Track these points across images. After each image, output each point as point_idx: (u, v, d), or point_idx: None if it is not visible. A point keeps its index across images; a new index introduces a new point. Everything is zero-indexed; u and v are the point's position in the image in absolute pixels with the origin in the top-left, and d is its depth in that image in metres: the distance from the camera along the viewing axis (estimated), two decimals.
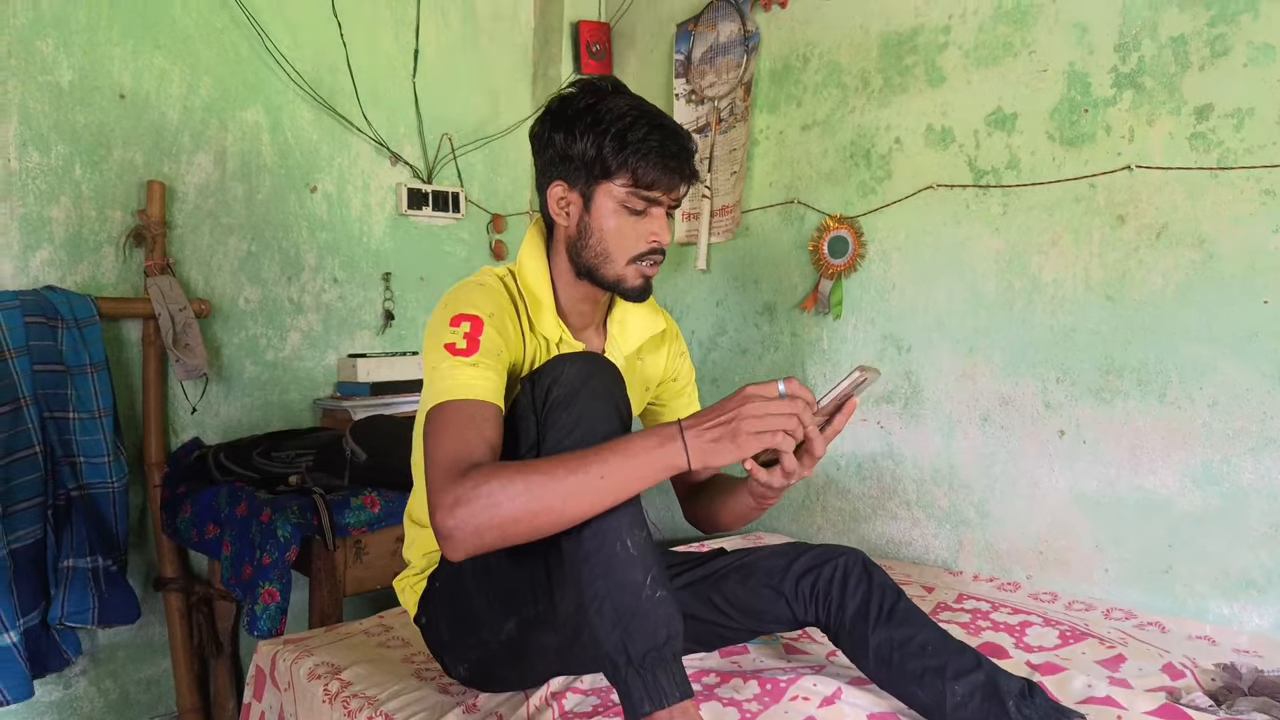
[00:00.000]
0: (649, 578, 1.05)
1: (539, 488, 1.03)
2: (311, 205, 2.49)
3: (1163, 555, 1.79)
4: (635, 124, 1.22)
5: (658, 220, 1.28)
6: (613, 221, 1.26)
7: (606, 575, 1.05)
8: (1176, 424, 1.77)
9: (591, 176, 1.25)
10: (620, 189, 1.25)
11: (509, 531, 1.04)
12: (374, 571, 1.96)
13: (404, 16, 2.67)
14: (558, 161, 1.28)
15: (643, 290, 1.31)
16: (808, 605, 1.35)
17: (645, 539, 1.08)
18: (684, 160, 1.25)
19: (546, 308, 1.31)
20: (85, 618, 1.91)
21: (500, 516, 1.03)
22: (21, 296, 1.89)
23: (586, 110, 1.25)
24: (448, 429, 1.12)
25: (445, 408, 1.15)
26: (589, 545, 1.05)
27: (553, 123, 1.28)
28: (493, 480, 1.04)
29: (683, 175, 1.26)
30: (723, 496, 1.39)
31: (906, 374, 2.19)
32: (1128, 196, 1.81)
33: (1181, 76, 1.74)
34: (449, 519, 1.04)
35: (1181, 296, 1.75)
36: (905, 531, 2.21)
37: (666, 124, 1.25)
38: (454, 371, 1.16)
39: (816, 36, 2.36)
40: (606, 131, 1.22)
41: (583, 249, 1.29)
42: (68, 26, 2.04)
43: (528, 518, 1.04)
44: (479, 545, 1.05)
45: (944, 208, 2.10)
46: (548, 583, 1.18)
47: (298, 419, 2.48)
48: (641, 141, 1.22)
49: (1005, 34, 1.98)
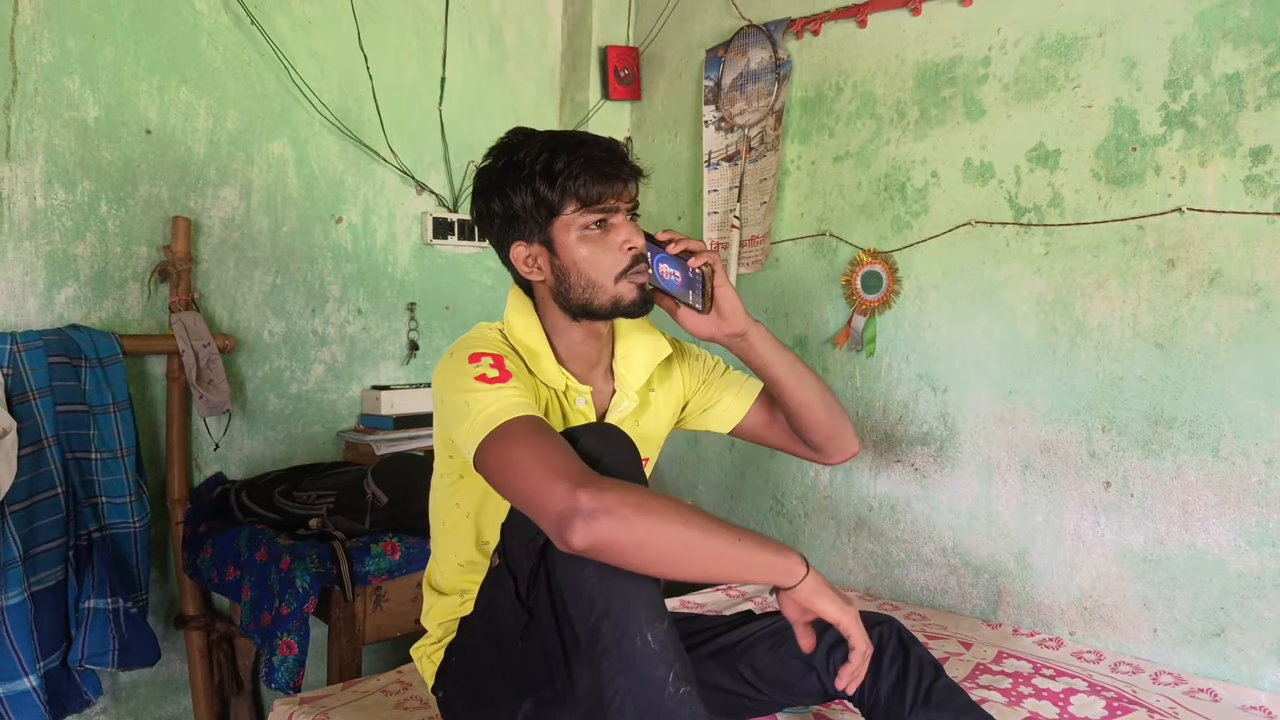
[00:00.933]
0: (672, 674, 1.00)
1: (678, 524, 1.01)
2: (336, 236, 2.47)
3: (1215, 618, 1.71)
4: (555, 154, 1.20)
5: (623, 228, 1.24)
6: (582, 250, 1.23)
7: (627, 672, 0.99)
8: (1231, 480, 1.68)
9: (542, 222, 1.23)
10: (572, 217, 1.22)
11: (631, 556, 1.00)
12: (394, 619, 1.92)
13: (431, 44, 2.65)
14: (506, 226, 1.26)
15: (642, 301, 1.26)
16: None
17: (667, 630, 1.02)
18: (616, 162, 1.22)
19: (544, 357, 1.28)
20: (105, 660, 1.90)
21: (633, 538, 0.99)
22: (45, 336, 1.89)
23: (507, 167, 1.23)
24: (529, 440, 1.06)
25: (509, 426, 1.08)
26: (608, 639, 1.00)
27: (483, 195, 1.27)
28: (630, 497, 1.00)
29: (621, 175, 1.23)
30: (790, 402, 1.40)
31: (942, 415, 2.11)
32: (1179, 240, 1.73)
33: (1236, 116, 1.65)
34: (580, 526, 0.98)
35: (1236, 346, 1.67)
36: (941, 579, 2.13)
37: (585, 138, 1.23)
38: (500, 394, 1.12)
39: (850, 65, 2.29)
40: (533, 175, 1.20)
41: (569, 291, 1.25)
42: (94, 63, 2.04)
43: (654, 550, 1.00)
44: (598, 554, 1.00)
45: (983, 245, 2.03)
46: (565, 663, 1.13)
47: (321, 452, 2.46)
48: (567, 165, 1.20)
49: (1048, 67, 1.91)
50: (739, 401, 1.48)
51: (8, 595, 1.76)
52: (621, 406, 1.34)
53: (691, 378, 1.47)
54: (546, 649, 1.13)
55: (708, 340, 1.32)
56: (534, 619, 1.15)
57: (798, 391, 1.39)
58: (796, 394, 1.39)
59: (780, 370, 1.37)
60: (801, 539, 2.43)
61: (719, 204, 2.60)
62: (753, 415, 1.48)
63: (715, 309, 1.29)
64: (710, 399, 1.48)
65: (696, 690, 1.02)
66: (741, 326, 1.31)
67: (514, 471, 1.05)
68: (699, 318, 1.29)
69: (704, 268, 1.26)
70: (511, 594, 1.16)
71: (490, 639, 1.20)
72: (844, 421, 1.45)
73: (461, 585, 1.30)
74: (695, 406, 1.48)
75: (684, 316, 1.29)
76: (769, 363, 1.36)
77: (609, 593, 1.02)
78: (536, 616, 1.14)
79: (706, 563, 1.03)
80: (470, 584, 1.28)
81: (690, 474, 2.76)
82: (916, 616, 2.06)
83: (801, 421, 1.42)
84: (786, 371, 1.37)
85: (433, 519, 1.34)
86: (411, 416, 2.45)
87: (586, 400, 1.31)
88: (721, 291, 1.28)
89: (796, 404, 1.40)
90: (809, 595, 1.09)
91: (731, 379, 1.49)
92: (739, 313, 1.30)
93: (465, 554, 1.29)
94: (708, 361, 1.50)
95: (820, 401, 1.41)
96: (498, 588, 1.20)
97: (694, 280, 1.27)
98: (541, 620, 1.13)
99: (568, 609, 1.06)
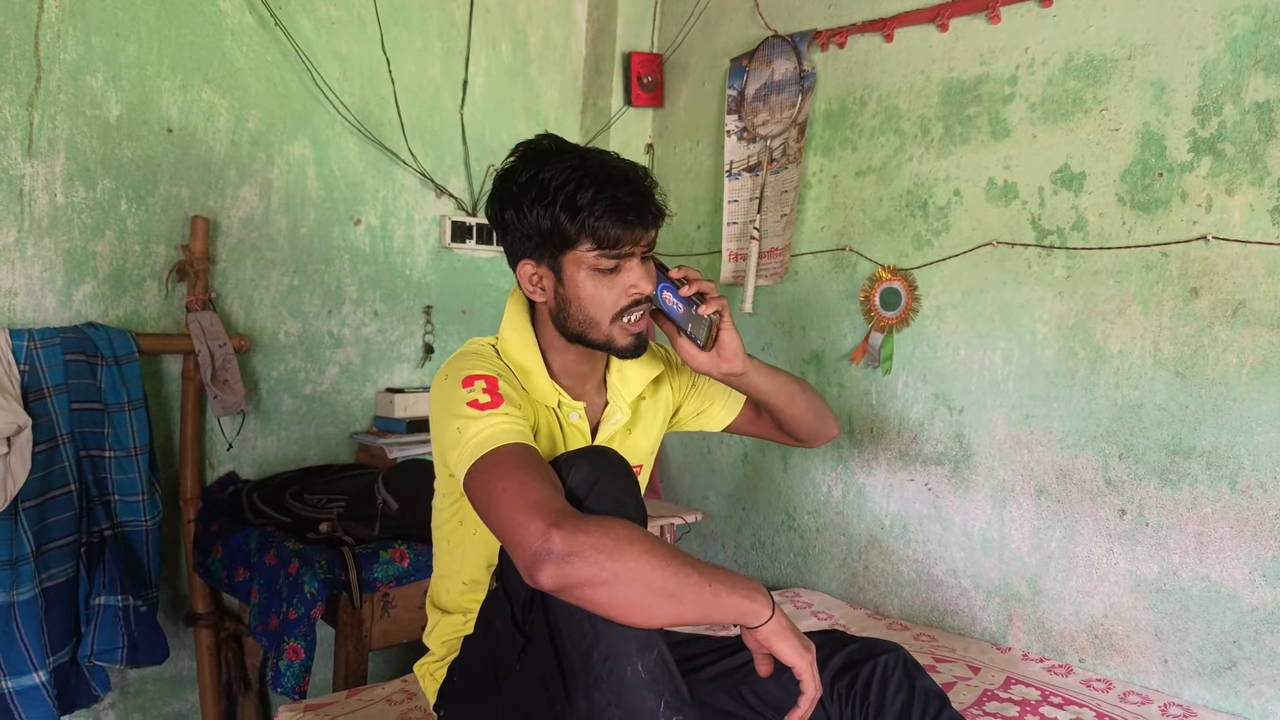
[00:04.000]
0: (663, 703, 1.00)
1: (650, 569, 0.99)
2: (355, 238, 2.47)
3: (1227, 651, 1.68)
4: (581, 187, 1.16)
5: (633, 272, 1.22)
6: (589, 288, 1.21)
7: (619, 703, 0.99)
8: (1248, 514, 1.66)
9: (554, 250, 1.20)
10: (586, 254, 1.19)
11: (602, 604, 0.99)
12: (401, 626, 1.92)
13: (454, 47, 2.64)
14: (519, 239, 1.23)
15: (635, 348, 1.26)
16: (844, 707, 1.28)
17: (657, 659, 1.02)
18: (642, 208, 1.19)
19: (536, 374, 1.27)
20: (114, 657, 1.91)
21: (601, 583, 0.97)
22: (62, 334, 1.90)
23: (530, 184, 1.19)
24: (513, 471, 1.05)
25: (496, 454, 1.08)
26: (599, 669, 1.00)
27: (501, 203, 1.23)
28: (605, 540, 0.98)
29: (644, 223, 1.20)
30: (780, 416, 1.45)
31: (957, 436, 2.09)
32: (1203, 268, 1.71)
33: (1265, 145, 1.63)
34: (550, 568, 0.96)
35: (1258, 379, 1.64)
36: (952, 600, 2.12)
37: (614, 174, 1.18)
38: (490, 421, 1.11)
39: (875, 80, 2.27)
40: (555, 202, 1.16)
41: (566, 319, 1.24)
42: (117, 61, 2.05)
43: (623, 598, 0.99)
44: (567, 596, 0.99)
45: (1004, 266, 2.00)
46: (563, 688, 1.12)
47: (334, 453, 2.47)
48: (592, 204, 1.15)
49: (1075, 89, 1.88)
50: (728, 409, 1.51)
51: (19, 591, 1.77)
52: (614, 419, 1.34)
53: (681, 383, 1.49)
54: (544, 674, 1.13)
55: (703, 374, 1.33)
56: (530, 644, 1.14)
57: (790, 407, 1.44)
58: (788, 409, 1.44)
59: (771, 396, 1.41)
60: (812, 554, 2.42)
61: (739, 214, 2.59)
62: (741, 417, 1.53)
63: (717, 350, 1.29)
64: (700, 405, 1.51)
65: (691, 716, 1.01)
66: (740, 368, 1.31)
67: (495, 504, 1.04)
68: (698, 353, 1.28)
69: (714, 315, 1.25)
70: (509, 618, 1.16)
71: (489, 662, 1.20)
72: (828, 416, 1.52)
73: (465, 604, 1.30)
74: (687, 413, 1.51)
75: (684, 347, 1.29)
76: (763, 392, 1.40)
77: (598, 621, 1.01)
78: (533, 641, 1.14)
79: (680, 610, 1.01)
80: (473, 603, 1.28)
81: (702, 484, 2.75)
82: (925, 637, 2.04)
83: (789, 425, 1.48)
84: (777, 395, 1.41)
85: (436, 537, 1.33)
86: (424, 420, 2.45)
87: (580, 415, 1.31)
88: (726, 335, 1.28)
89: (788, 416, 1.46)
90: (769, 637, 1.08)
91: (715, 386, 1.51)
92: (739, 355, 1.30)
93: (471, 572, 1.29)
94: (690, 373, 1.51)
95: (808, 409, 1.47)
96: (495, 611, 1.20)
97: (700, 320, 1.26)
98: (538, 645, 1.13)
99: (562, 635, 1.06)
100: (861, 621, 2.13)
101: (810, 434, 1.51)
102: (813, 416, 1.47)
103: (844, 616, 2.14)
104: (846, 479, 2.33)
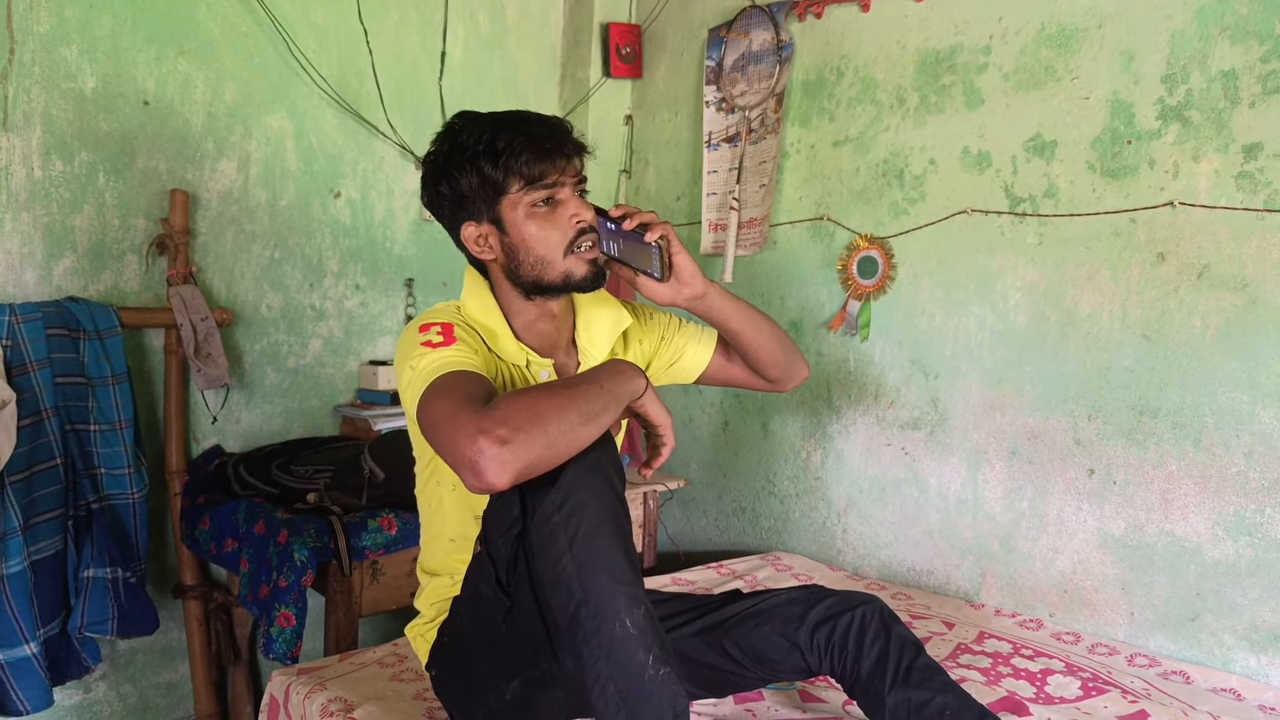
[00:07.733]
0: (651, 656, 1.03)
1: (560, 410, 1.07)
2: (335, 211, 2.48)
3: (1190, 603, 1.75)
4: (497, 134, 1.23)
5: (570, 203, 1.28)
6: (531, 227, 1.26)
7: (608, 657, 1.03)
8: (1211, 471, 1.72)
9: (489, 201, 1.26)
10: (519, 195, 1.25)
11: (545, 465, 1.06)
12: (390, 592, 1.96)
13: (431, 19, 2.63)
14: (455, 208, 1.29)
15: (594, 276, 1.30)
16: (822, 657, 1.32)
17: (645, 615, 1.05)
18: (559, 138, 1.26)
19: (502, 336, 1.31)
20: (104, 628, 1.93)
21: (535, 450, 1.03)
22: (44, 309, 1.90)
23: (452, 150, 1.26)
24: (447, 394, 1.10)
25: (437, 383, 1.13)
26: (588, 626, 1.03)
27: (433, 179, 1.30)
28: (513, 412, 1.04)
29: (564, 151, 1.26)
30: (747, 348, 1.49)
31: (933, 401, 2.14)
32: (1170, 234, 1.75)
33: (1231, 112, 1.67)
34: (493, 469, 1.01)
35: (1222, 340, 1.69)
36: (927, 560, 2.17)
37: (527, 116, 1.26)
38: (438, 355, 1.17)
39: (852, 50, 2.29)
40: (477, 155, 1.24)
41: (519, 268, 1.29)
42: (91, 33, 2.03)
43: (561, 444, 1.06)
44: (522, 479, 1.05)
45: (978, 234, 2.05)
46: (549, 644, 1.16)
47: (318, 426, 2.48)
48: (510, 144, 1.23)
49: (1047, 58, 1.91)
50: (701, 351, 1.54)
51: (8, 564, 1.78)
52: None
53: (651, 338, 1.52)
54: (530, 632, 1.17)
55: (668, 305, 1.36)
56: (515, 604, 1.18)
57: (756, 336, 1.46)
58: (755, 339, 1.46)
59: (738, 321, 1.43)
60: (792, 518, 2.47)
61: (718, 185, 2.61)
62: (714, 362, 1.55)
63: (674, 275, 1.31)
64: (673, 354, 1.53)
65: (677, 669, 1.05)
66: (700, 289, 1.33)
67: (433, 431, 1.09)
68: (658, 285, 1.31)
69: (660, 240, 1.28)
70: (493, 580, 1.20)
71: (476, 623, 1.24)
72: (795, 353, 1.55)
73: (452, 565, 1.33)
74: (660, 364, 1.53)
75: (644, 285, 1.32)
76: (728, 317, 1.42)
77: (586, 581, 1.05)
78: (518, 602, 1.18)
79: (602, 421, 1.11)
80: (459, 564, 1.31)
81: (684, 452, 2.79)
82: (902, 596, 2.10)
83: (759, 361, 1.50)
84: (744, 320, 1.44)
85: (420, 503, 1.37)
86: None
87: (550, 373, 1.34)
88: (678, 259, 1.30)
89: (755, 347, 1.48)
90: (644, 403, 1.21)
91: (690, 331, 1.54)
92: (697, 277, 1.32)
93: (453, 529, 1.32)
94: (662, 319, 1.54)
95: (775, 340, 1.50)
96: (480, 574, 1.23)
97: (651, 251, 1.29)
98: (523, 605, 1.17)
99: (546, 595, 1.10)
100: (841, 583, 2.18)
101: (780, 370, 1.53)
102: (779, 348, 1.50)
103: (823, 578, 2.20)
104: (825, 445, 2.38)
